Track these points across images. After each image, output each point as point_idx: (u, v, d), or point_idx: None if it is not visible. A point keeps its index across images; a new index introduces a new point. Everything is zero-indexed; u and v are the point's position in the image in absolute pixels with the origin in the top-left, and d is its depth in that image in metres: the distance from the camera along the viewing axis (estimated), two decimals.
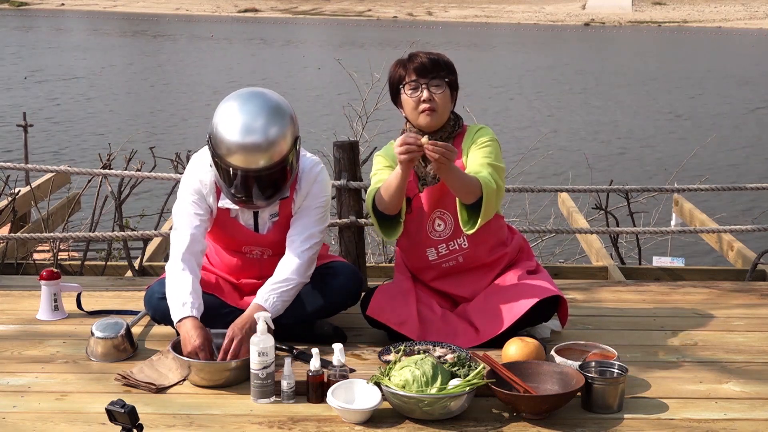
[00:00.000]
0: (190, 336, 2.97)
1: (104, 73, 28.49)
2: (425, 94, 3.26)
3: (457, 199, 3.19)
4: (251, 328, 2.96)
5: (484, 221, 3.15)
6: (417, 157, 3.06)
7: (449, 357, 2.97)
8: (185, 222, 3.22)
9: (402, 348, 3.05)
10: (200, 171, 3.23)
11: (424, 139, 3.01)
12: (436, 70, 3.29)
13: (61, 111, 21.05)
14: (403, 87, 3.31)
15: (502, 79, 28.86)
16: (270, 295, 3.11)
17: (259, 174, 3.06)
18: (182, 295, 3.07)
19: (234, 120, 3.04)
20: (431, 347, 3.10)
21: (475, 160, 3.26)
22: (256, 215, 3.30)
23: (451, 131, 3.36)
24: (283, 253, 3.26)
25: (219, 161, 3.09)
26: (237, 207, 3.25)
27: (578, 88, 26.87)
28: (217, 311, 3.25)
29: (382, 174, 3.35)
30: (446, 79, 3.30)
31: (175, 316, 3.06)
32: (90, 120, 20.00)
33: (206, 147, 3.19)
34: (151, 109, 21.80)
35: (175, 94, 24.31)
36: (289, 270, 3.18)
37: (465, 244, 3.35)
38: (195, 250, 3.20)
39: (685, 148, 13.05)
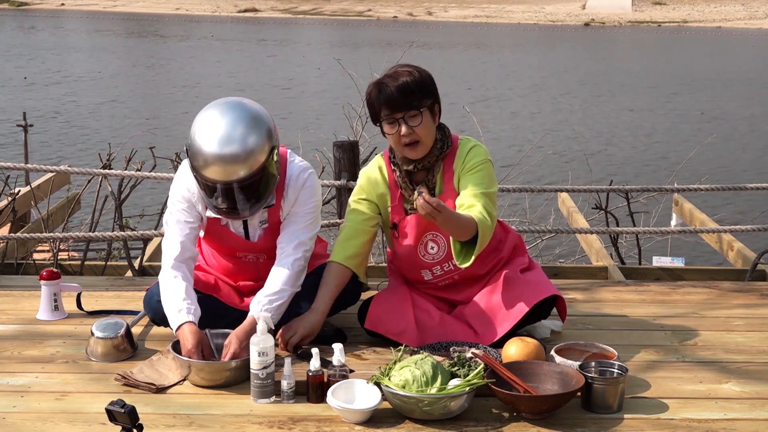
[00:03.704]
0: (186, 341, 2.99)
1: (104, 73, 28.46)
2: (404, 129, 3.11)
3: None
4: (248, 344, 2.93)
5: (477, 254, 3.04)
6: None
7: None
8: (175, 230, 3.22)
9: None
10: (188, 179, 3.19)
11: (415, 195, 2.94)
12: (409, 100, 3.09)
13: (61, 111, 21.02)
14: (381, 124, 3.19)
15: (502, 78, 28.84)
16: (265, 308, 3.09)
17: (238, 185, 3.00)
18: (177, 303, 3.08)
19: (211, 131, 2.98)
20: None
21: (468, 190, 3.13)
22: (245, 223, 3.28)
23: (438, 154, 3.22)
24: None
25: (196, 174, 3.05)
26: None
27: (578, 88, 26.84)
28: (217, 312, 3.25)
29: (355, 215, 3.30)
30: (421, 109, 3.12)
31: (173, 325, 3.07)
32: (90, 120, 19.96)
33: None
34: (151, 108, 21.76)
35: (175, 93, 24.25)
36: (281, 281, 3.15)
37: None
38: (185, 258, 3.20)
39: (688, 149, 12.99)
